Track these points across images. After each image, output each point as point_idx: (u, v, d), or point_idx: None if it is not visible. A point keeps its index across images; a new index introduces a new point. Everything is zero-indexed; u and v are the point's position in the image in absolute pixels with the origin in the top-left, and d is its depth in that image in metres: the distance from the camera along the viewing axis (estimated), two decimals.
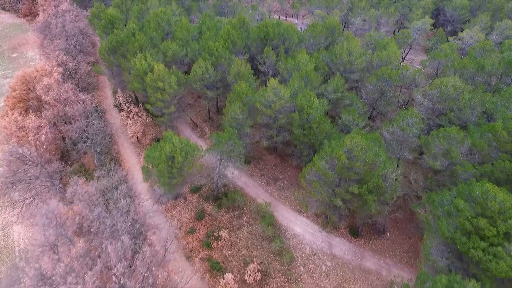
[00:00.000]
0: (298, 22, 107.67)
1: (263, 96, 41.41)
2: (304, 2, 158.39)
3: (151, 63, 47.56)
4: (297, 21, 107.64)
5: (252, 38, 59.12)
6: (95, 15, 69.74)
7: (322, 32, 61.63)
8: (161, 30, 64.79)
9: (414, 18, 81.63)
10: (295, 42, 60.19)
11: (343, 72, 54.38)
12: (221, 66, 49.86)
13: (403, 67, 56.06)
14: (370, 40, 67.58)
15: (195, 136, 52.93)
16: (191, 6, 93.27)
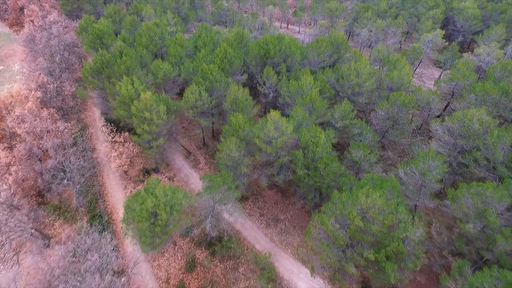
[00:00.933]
0: (300, 30, 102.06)
1: (263, 131, 36.02)
2: (306, 7, 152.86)
3: (139, 88, 42.22)
4: (299, 29, 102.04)
5: (251, 56, 53.65)
6: (83, 28, 64.30)
7: (327, 49, 56.09)
8: (153, 45, 59.37)
9: (424, 30, 76.00)
10: (298, 60, 54.71)
11: (351, 94, 48.95)
12: (217, 90, 44.46)
13: (417, 89, 50.62)
14: (378, 55, 62.02)
15: (187, 165, 47.58)
16: (188, 15, 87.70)
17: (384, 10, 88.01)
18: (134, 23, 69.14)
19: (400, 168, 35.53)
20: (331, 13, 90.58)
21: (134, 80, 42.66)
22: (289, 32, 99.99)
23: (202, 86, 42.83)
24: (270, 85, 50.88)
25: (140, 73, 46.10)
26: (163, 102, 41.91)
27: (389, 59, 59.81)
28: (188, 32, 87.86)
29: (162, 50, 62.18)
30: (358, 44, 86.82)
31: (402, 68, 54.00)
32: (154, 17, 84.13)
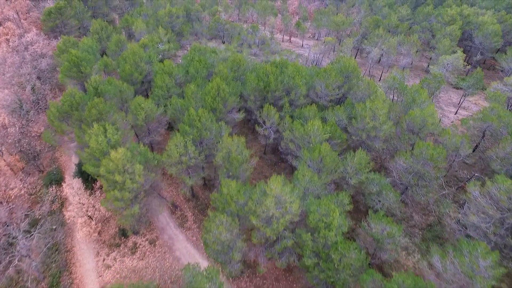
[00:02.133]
0: (304, 43, 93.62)
1: (261, 206, 28.04)
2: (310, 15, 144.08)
3: (112, 139, 34.27)
4: (303, 43, 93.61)
5: (249, 89, 45.59)
6: (62, 50, 56.29)
7: (336, 79, 47.91)
8: (138, 73, 51.35)
9: (441, 49, 67.58)
10: (303, 93, 46.56)
11: (366, 138, 40.89)
12: (207, 139, 36.46)
13: (444, 131, 42.46)
14: (393, 84, 53.81)
15: (173, 224, 39.69)
16: (183, 30, 79.37)
17: (395, 24, 79.51)
18: (120, 43, 60.98)
19: (434, 255, 27.54)
20: (337, 27, 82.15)
21: (107, 128, 34.69)
22: (292, 46, 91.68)
23: (188, 136, 34.81)
24: (271, 124, 42.85)
25: (117, 116, 38.06)
26: (141, 157, 33.97)
27: (406, 89, 51.71)
28: (183, 48, 79.76)
29: (149, 77, 54.13)
30: (366, 62, 78.52)
31: (423, 103, 45.91)
32: (146, 33, 76.22)
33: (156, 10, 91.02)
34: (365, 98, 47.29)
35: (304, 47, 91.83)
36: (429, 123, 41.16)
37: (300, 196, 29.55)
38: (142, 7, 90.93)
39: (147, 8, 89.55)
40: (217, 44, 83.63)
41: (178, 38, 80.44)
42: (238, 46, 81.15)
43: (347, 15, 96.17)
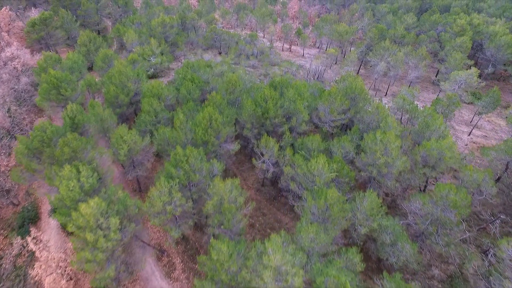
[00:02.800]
0: (305, 53, 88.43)
1: (257, 279, 23.09)
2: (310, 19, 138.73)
3: (87, 183, 29.34)
4: (304, 52, 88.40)
5: (245, 116, 40.58)
6: (43, 68, 51.26)
7: (342, 102, 42.89)
8: (124, 94, 46.33)
9: (452, 63, 62.47)
10: (305, 119, 41.53)
11: (377, 175, 35.94)
12: (196, 183, 31.51)
13: (464, 167, 37.49)
14: (403, 105, 48.83)
15: (159, 273, 34.75)
16: (177, 41, 74.22)
17: (401, 35, 74.35)
18: (107, 59, 55.84)
19: None
20: (340, 37, 76.98)
21: (81, 171, 29.75)
22: (292, 56, 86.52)
23: (174, 180, 29.83)
24: (270, 157, 37.88)
25: (94, 153, 33.07)
26: (119, 206, 29.00)
27: (418, 112, 46.75)
28: (177, 60, 74.63)
29: (137, 96, 49.10)
30: (371, 73, 73.46)
31: (439, 130, 40.97)
32: (138, 44, 71.13)
33: (150, 18, 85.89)
34: (373, 124, 42.38)
35: (305, 56, 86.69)
36: (447, 157, 36.20)
37: (303, 262, 24.58)
38: (136, 15, 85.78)
39: (140, 16, 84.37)
40: (213, 55, 78.59)
41: (172, 49, 75.36)
42: (236, 57, 76.11)
43: (350, 22, 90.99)
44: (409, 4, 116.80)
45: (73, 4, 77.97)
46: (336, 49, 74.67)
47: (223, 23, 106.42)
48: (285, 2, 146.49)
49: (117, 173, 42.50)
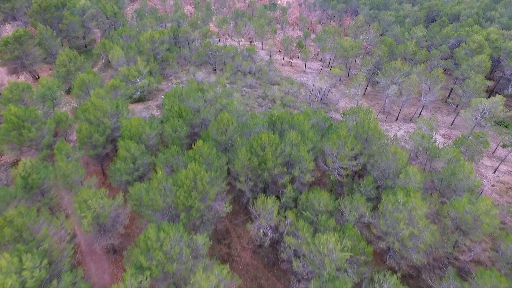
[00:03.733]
0: (306, 68, 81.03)
1: None
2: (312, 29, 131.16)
3: (31, 277, 22.28)
4: (305, 67, 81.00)
5: (238, 167, 33.45)
6: (8, 100, 44.09)
7: (354, 147, 35.78)
8: (99, 134, 39.17)
9: (471, 86, 55.25)
10: (309, 168, 34.38)
11: (400, 248, 28.88)
12: (173, 274, 24.43)
13: (504, 235, 30.43)
14: (421, 143, 41.69)
15: None
16: (167, 58, 66.94)
17: (412, 51, 67.03)
18: (85, 86, 48.58)
19: None
20: (345, 54, 69.67)
21: (23, 260, 22.70)
22: (293, 71, 79.22)
23: (145, 273, 22.74)
24: (268, 220, 30.79)
25: (46, 230, 25.93)
26: None
27: (439, 152, 39.67)
28: (167, 79, 67.34)
29: (116, 132, 41.97)
30: (379, 93, 66.24)
31: (468, 181, 33.98)
32: (124, 62, 63.91)
33: (140, 30, 78.56)
34: (390, 171, 35.32)
35: (307, 72, 79.36)
36: (485, 224, 29.14)
37: None
38: (125, 26, 78.33)
39: (130, 28, 76.92)
40: (207, 72, 71.34)
41: (162, 67, 68.09)
42: (232, 75, 68.84)
43: (355, 35, 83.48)
44: (415, 12, 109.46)
45: (54, 18, 70.55)
46: (341, 66, 67.38)
47: (219, 34, 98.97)
48: (285, 8, 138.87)
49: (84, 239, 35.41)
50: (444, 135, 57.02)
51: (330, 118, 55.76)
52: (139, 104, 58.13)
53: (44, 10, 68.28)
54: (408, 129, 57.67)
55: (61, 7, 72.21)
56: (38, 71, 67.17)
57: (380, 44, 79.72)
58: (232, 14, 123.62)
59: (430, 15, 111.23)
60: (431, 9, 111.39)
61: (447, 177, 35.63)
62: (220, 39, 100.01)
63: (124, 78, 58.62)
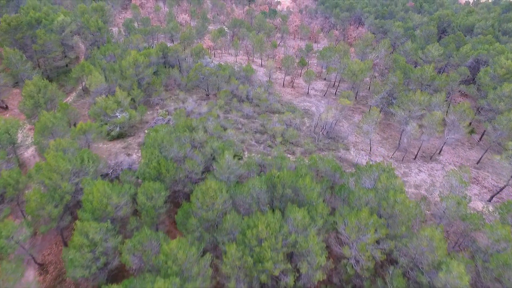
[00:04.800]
0: (309, 89, 72.03)
1: None
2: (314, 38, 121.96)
3: None
4: (309, 89, 72.00)
5: (227, 269, 24.68)
6: None
7: (377, 228, 27.07)
8: (58, 196, 30.52)
9: (504, 124, 46.41)
10: (321, 263, 25.69)
11: None
12: None
13: None
14: (456, 211, 32.91)
15: None
16: (154, 83, 58.07)
17: (430, 77, 58.05)
18: (47, 130, 39.75)
19: None
20: (354, 78, 60.74)
21: None
22: (295, 94, 70.35)
23: None
24: None
25: None
26: None
27: (482, 226, 31.00)
28: (152, 107, 58.44)
29: (78, 196, 33.25)
30: (394, 125, 57.38)
31: None
32: (105, 90, 55.10)
33: (127, 48, 69.65)
34: (424, 261, 26.67)
35: (310, 95, 70.45)
36: None
37: None
38: (109, 44, 69.24)
39: (114, 46, 67.95)
40: (199, 98, 62.46)
41: (147, 93, 59.18)
42: (227, 102, 59.98)
43: (363, 54, 74.38)
44: (425, 23, 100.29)
45: (28, 37, 61.54)
46: (349, 94, 58.47)
47: (215, 47, 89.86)
48: (285, 16, 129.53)
49: None
50: (472, 179, 48.26)
51: (341, 164, 47.08)
52: (118, 142, 49.36)
53: (15, 29, 59.29)
54: (430, 171, 48.98)
55: (35, 24, 63.12)
56: (9, 99, 58.30)
57: (392, 63, 70.85)
58: (229, 23, 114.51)
59: (441, 26, 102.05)
60: (441, 20, 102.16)
61: (497, 268, 27.01)
62: (215, 53, 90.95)
63: (101, 111, 49.81)
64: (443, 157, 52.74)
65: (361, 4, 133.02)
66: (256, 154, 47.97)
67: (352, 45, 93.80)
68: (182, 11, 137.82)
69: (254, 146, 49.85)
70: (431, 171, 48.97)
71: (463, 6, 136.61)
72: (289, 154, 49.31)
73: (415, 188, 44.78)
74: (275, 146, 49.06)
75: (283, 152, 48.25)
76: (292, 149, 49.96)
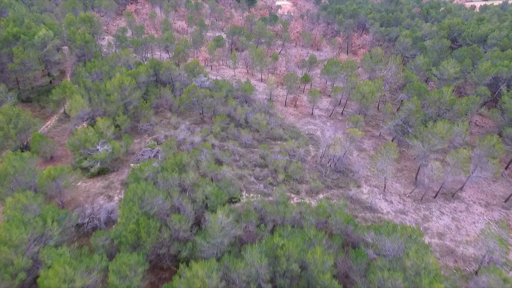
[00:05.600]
0: (314, 108, 65.34)
1: None
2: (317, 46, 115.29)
3: None
4: (313, 109, 65.31)
5: None
6: None
7: None
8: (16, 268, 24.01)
9: None
10: None
11: None
12: None
13: None
14: (493, 282, 26.45)
15: None
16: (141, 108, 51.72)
17: (450, 100, 51.44)
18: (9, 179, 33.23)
19: None
20: (364, 101, 54.14)
21: None
22: (299, 115, 63.80)
23: None
24: None
25: None
26: None
27: None
28: (140, 135, 51.87)
29: (38, 265, 26.81)
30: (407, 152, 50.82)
31: None
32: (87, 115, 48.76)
33: (115, 64, 63.04)
34: None
35: (315, 116, 63.86)
36: None
37: None
38: (96, 60, 62.63)
39: (101, 63, 61.38)
40: (193, 122, 55.95)
41: (135, 118, 52.68)
42: (223, 128, 53.47)
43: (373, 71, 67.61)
44: (434, 32, 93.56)
45: (3, 55, 54.99)
46: (359, 121, 51.85)
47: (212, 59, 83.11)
48: (287, 23, 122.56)
49: None
50: (499, 222, 41.74)
51: (353, 206, 40.66)
52: (99, 179, 42.86)
53: None
54: (453, 212, 42.53)
55: (12, 41, 56.45)
56: None
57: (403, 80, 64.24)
58: (228, 31, 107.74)
59: (451, 35, 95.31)
60: (451, 29, 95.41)
61: None
62: (212, 66, 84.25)
63: (80, 143, 43.30)
64: (466, 193, 46.28)
65: (365, 9, 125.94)
66: (255, 195, 41.56)
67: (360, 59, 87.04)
68: (179, 17, 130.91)
69: (254, 184, 43.38)
70: (455, 213, 42.50)
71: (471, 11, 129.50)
72: (293, 193, 42.85)
73: (439, 238, 38.34)
74: (277, 185, 42.56)
75: (286, 191, 41.78)
76: (296, 187, 43.51)
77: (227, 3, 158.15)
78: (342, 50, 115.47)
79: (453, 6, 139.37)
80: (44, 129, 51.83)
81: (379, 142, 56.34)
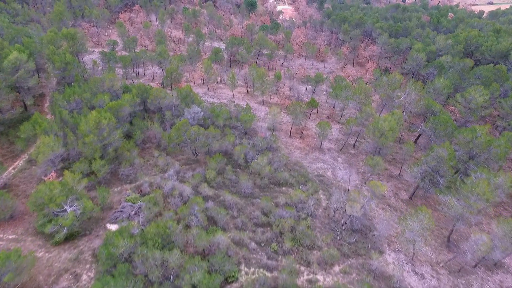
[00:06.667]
0: (323, 146, 56.50)
1: None
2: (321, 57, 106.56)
3: None
4: (321, 144, 56.49)
5: None
6: None
7: None
8: None
9: None
10: None
11: None
12: None
13: None
14: None
15: None
16: (122, 150, 43.03)
17: (486, 142, 42.81)
18: None
19: None
20: (383, 139, 45.50)
21: None
22: (306, 148, 55.16)
23: None
24: None
25: None
26: None
27: None
28: (120, 183, 43.23)
29: None
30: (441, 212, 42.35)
31: None
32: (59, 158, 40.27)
33: (98, 91, 54.27)
34: None
35: (324, 150, 55.22)
36: None
37: None
38: (76, 85, 53.89)
39: (82, 89, 52.77)
40: (185, 162, 47.40)
41: (117, 161, 44.12)
42: (219, 171, 44.96)
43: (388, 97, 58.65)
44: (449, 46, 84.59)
45: None
46: (378, 161, 43.27)
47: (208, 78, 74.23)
48: (289, 32, 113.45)
49: None
50: None
51: (376, 285, 32.22)
52: (66, 248, 34.38)
53: None
54: None
55: None
56: None
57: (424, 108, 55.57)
58: (227, 42, 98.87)
59: (467, 49, 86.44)
60: (468, 42, 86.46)
61: None
62: (209, 86, 75.47)
63: (43, 202, 34.74)
64: (509, 259, 37.78)
65: (371, 18, 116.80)
66: (257, 269, 33.12)
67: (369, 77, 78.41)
68: (175, 25, 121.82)
69: (255, 252, 34.90)
70: None
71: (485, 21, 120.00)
72: (303, 265, 34.40)
73: None
74: (283, 255, 34.13)
75: (294, 263, 33.41)
76: (306, 256, 35.04)
77: (226, 9, 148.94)
78: (348, 62, 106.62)
79: (463, 13, 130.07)
80: (8, 174, 43.32)
81: (400, 185, 47.89)
